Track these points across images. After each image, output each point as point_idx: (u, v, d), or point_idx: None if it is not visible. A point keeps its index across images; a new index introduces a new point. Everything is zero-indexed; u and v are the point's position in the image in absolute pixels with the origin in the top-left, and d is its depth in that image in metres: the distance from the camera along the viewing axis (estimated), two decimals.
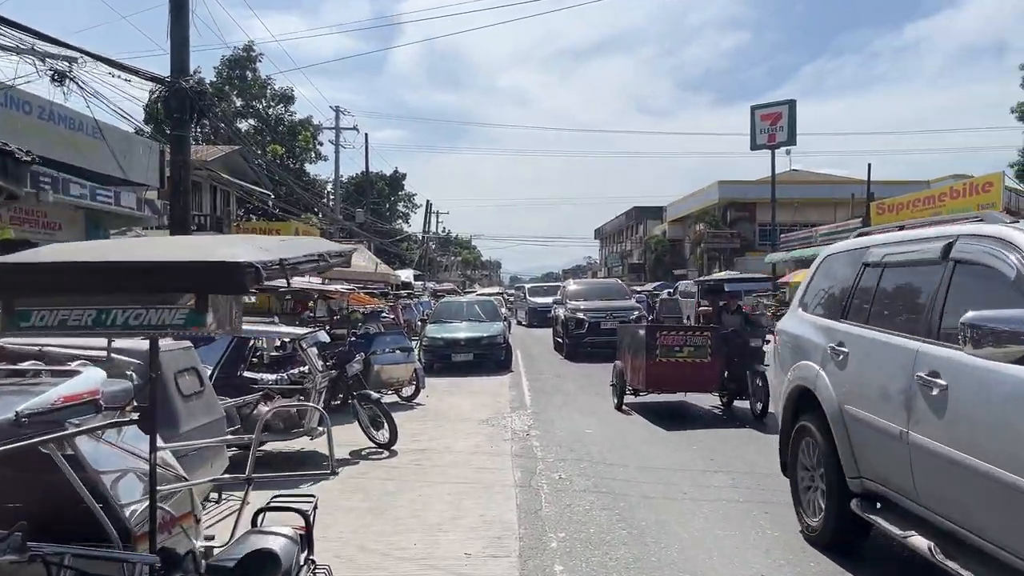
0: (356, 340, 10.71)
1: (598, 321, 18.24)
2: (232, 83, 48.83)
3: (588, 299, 19.65)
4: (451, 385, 14.32)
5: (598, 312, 18.61)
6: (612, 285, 23.01)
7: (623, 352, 11.34)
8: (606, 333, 16.97)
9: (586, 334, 18.22)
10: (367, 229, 51.11)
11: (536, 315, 32.30)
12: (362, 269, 33.46)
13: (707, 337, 10.42)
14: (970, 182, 28.78)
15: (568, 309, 19.13)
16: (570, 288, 21.66)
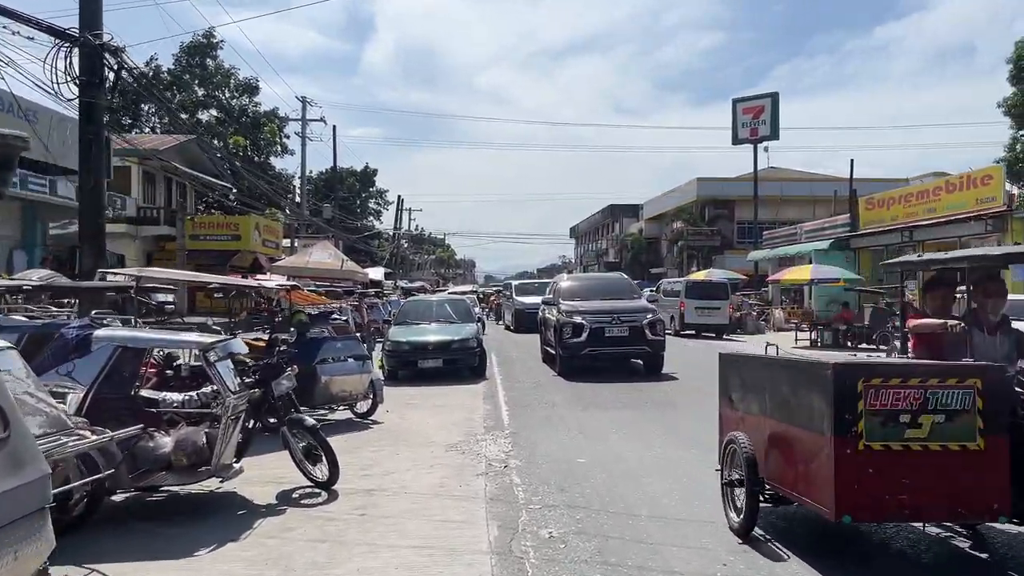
0: (288, 349, 8.86)
1: (601, 327, 14.34)
2: (191, 71, 46.51)
3: (587, 298, 15.58)
4: (416, 396, 12.46)
5: (601, 315, 14.55)
6: (617, 281, 18.08)
7: (739, 410, 5.85)
8: (612, 342, 14.32)
9: (586, 343, 14.27)
10: (335, 225, 48.99)
11: (524, 318, 27.87)
12: (327, 265, 31.50)
13: (976, 388, 4.42)
14: (967, 175, 27.39)
15: (562, 311, 14.93)
16: (563, 284, 17.19)
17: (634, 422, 9.63)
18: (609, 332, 14.35)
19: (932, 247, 29.37)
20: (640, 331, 14.33)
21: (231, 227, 31.99)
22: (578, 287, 16.86)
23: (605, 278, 19.57)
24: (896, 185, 50.23)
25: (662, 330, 14.95)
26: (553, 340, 15.46)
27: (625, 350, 14.54)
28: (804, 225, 39.96)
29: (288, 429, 6.63)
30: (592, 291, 16.17)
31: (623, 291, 16.40)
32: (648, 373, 14.74)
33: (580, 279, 19.60)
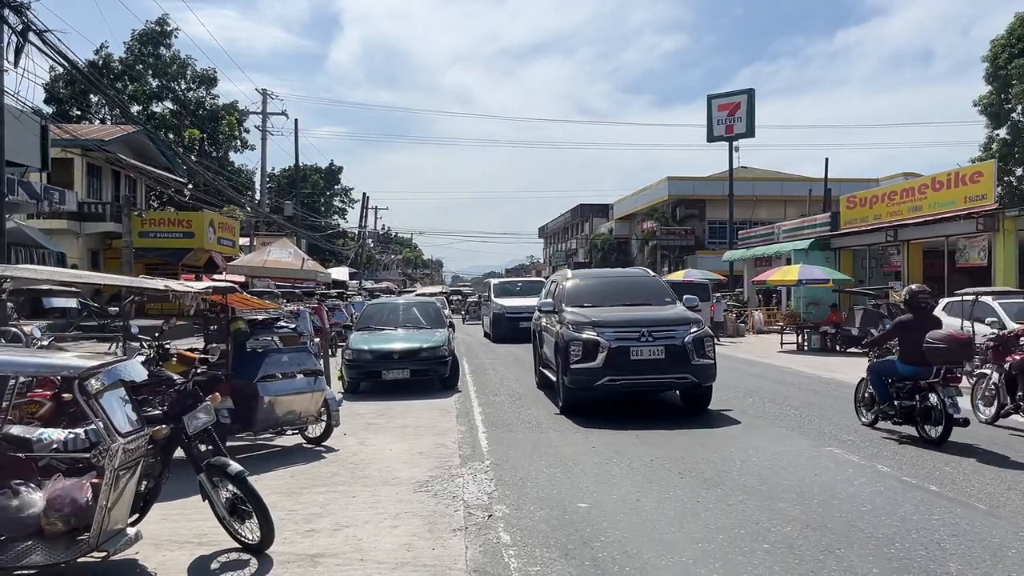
0: (214, 368, 7.29)
1: (625, 346, 10.09)
2: (144, 61, 44.28)
3: (602, 303, 11.23)
4: (379, 414, 10.88)
5: (624, 328, 10.28)
6: (642, 279, 12.75)
7: None
8: (641, 368, 10.05)
9: (603, 369, 10.00)
10: (298, 223, 47.05)
11: (506, 324, 23.87)
12: (286, 265, 29.74)
13: None
14: (956, 172, 26.41)
15: (567, 323, 10.69)
16: (568, 285, 12.13)
17: (642, 450, 8.15)
18: (637, 353, 9.95)
19: (918, 247, 28.41)
20: (681, 352, 10.00)
21: (183, 224, 30.08)
22: (589, 288, 11.96)
23: (626, 276, 13.44)
24: (867, 185, 49.72)
25: (712, 350, 10.34)
26: (554, 363, 11.19)
27: (660, 379, 10.21)
28: (782, 224, 38.96)
29: (207, 477, 5.05)
30: (609, 294, 11.65)
31: (652, 293, 11.69)
32: (688, 408, 10.88)
33: (591, 277, 13.65)
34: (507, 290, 26.79)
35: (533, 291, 24.54)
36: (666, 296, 11.66)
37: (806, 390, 13.31)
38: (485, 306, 29.39)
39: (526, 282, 30.48)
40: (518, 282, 31.21)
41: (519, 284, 29.26)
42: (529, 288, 26.12)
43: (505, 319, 23.96)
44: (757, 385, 13.88)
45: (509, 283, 30.13)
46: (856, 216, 31.65)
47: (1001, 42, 41.48)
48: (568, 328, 10.55)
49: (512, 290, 26.77)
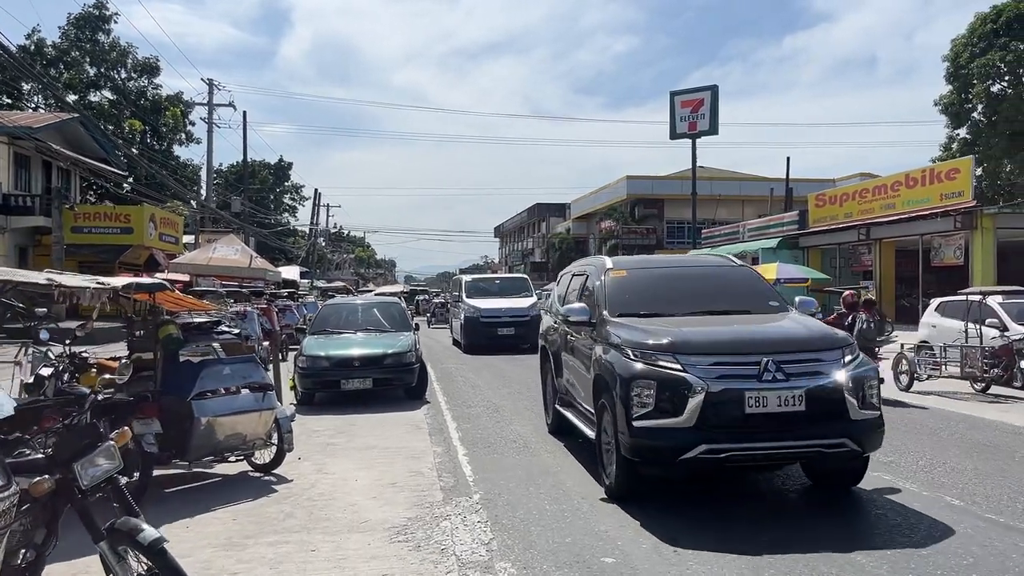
0: (122, 391, 5.82)
1: (739, 391, 5.59)
2: (81, 47, 41.79)
3: (674, 311, 6.85)
4: (338, 431, 9.43)
5: (735, 357, 5.81)
6: (728, 272, 7.99)
7: None
8: (774, 428, 5.63)
9: (700, 430, 5.54)
10: (246, 219, 44.99)
11: (482, 331, 20.79)
12: (233, 262, 27.89)
13: None
14: (931, 169, 25.81)
15: (624, 345, 6.12)
16: (612, 280, 7.37)
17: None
18: (757, 403, 5.55)
19: (890, 245, 27.78)
20: (834, 399, 5.69)
21: (121, 219, 28.05)
22: (646, 285, 7.42)
23: (700, 267, 8.71)
24: (825, 185, 49.47)
25: (878, 393, 6.03)
26: (589, 407, 6.98)
27: (798, 449, 5.81)
28: (747, 223, 38.31)
29: (110, 546, 3.61)
30: (680, 295, 7.21)
31: (748, 294, 7.36)
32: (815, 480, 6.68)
33: (646, 267, 8.37)
34: (482, 289, 23.03)
35: (515, 291, 22.86)
36: (770, 297, 7.22)
37: None
38: (454, 308, 25.03)
39: (506, 279, 26.72)
40: (495, 279, 27.04)
41: (497, 281, 25.42)
42: (509, 287, 23.55)
43: (480, 324, 20.90)
44: None
45: (484, 280, 25.77)
46: (825, 214, 31.01)
47: (962, 41, 41.37)
48: (624, 354, 5.96)
49: (488, 289, 23.16)
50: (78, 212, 28.06)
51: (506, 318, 20.79)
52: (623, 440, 5.77)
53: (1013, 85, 39.88)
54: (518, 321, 20.57)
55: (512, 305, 21.25)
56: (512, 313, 20.86)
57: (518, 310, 20.97)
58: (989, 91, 40.50)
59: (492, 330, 20.63)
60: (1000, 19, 39.48)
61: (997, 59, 39.09)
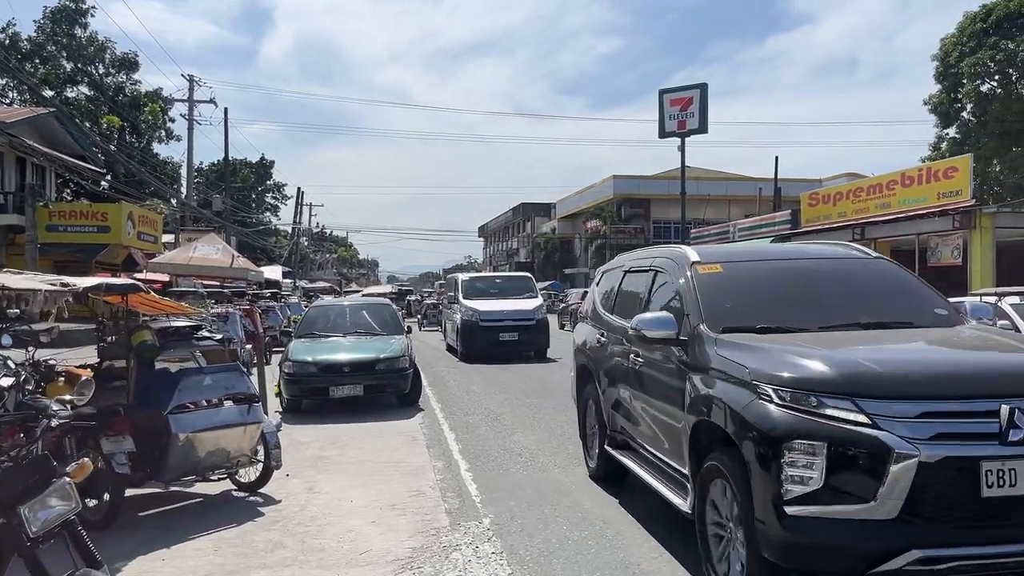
0: (62, 425, 5.16)
1: (971, 459, 3.44)
2: (57, 41, 40.76)
3: (806, 324, 4.63)
4: (328, 443, 8.77)
5: (959, 406, 3.57)
6: (872, 268, 5.52)
7: None
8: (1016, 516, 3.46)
9: (909, 523, 3.44)
10: (227, 218, 44.09)
11: (481, 337, 18.32)
12: (214, 262, 27.09)
13: None
14: (927, 167, 25.42)
15: (772, 388, 3.74)
16: (705, 276, 5.14)
17: None
18: (1000, 479, 3.43)
19: (886, 245, 27.36)
20: None
21: (98, 217, 27.14)
22: (760, 286, 5.26)
23: (828, 260, 5.81)
24: (811, 185, 49.20)
25: None
26: (680, 463, 4.86)
27: None
28: (738, 223, 37.85)
29: None
30: (808, 299, 5.10)
31: (906, 299, 5.23)
32: None
33: (749, 259, 5.99)
34: (481, 289, 20.16)
35: (517, 291, 20.13)
36: (936, 303, 5.16)
37: None
38: (447, 310, 22.59)
39: (507, 279, 23.57)
40: (496, 278, 23.64)
41: (497, 280, 22.27)
42: (511, 287, 20.72)
43: (480, 329, 18.26)
44: None
45: (483, 280, 22.52)
46: (819, 214, 30.58)
47: (952, 40, 41.17)
48: (757, 392, 3.85)
49: (488, 290, 20.27)
50: (53, 210, 27.14)
51: (509, 322, 18.34)
52: (766, 534, 3.64)
53: (1003, 84, 39.72)
54: (522, 325, 18.32)
55: (515, 307, 18.77)
56: (516, 316, 18.47)
57: (522, 313, 18.58)
58: (979, 90, 40.34)
59: (493, 336, 18.07)
60: (990, 18, 39.29)
61: (987, 58, 38.91)
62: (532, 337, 18.36)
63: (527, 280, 21.82)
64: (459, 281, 20.81)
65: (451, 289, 22.31)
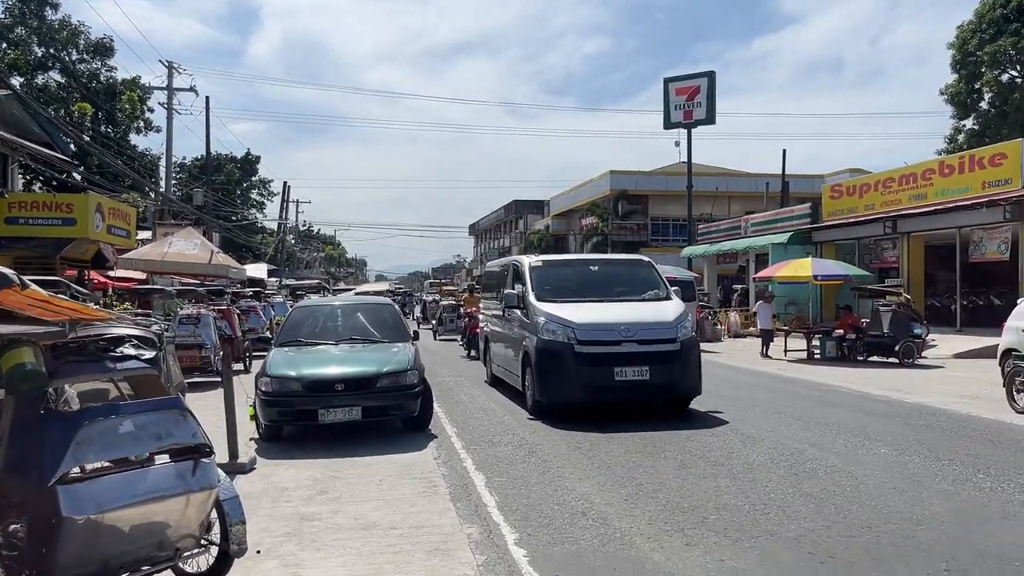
0: None
1: None
2: (26, 23, 38.21)
3: None
4: (317, 491, 6.56)
5: None
6: None
7: None
8: None
9: None
10: (209, 213, 41.66)
11: (583, 376, 9.89)
12: (191, 258, 24.81)
13: None
14: (970, 154, 23.37)
15: None
16: None
17: None
18: None
19: (920, 239, 25.33)
20: None
21: (63, 208, 24.59)
22: None
23: None
24: (813, 181, 47.34)
25: None
26: None
27: None
28: (749, 217, 35.80)
29: None
30: None
31: None
32: None
33: None
34: (566, 283, 11.47)
35: (635, 286, 11.38)
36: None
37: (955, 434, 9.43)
38: (500, 321, 12.75)
39: (613, 265, 13.27)
40: (592, 263, 13.00)
41: (594, 268, 12.36)
42: (622, 277, 11.91)
43: (577, 360, 9.92)
44: (840, 419, 10.03)
45: (570, 266, 12.79)
46: (842, 207, 28.57)
47: (970, 27, 39.28)
48: None
49: (580, 283, 11.47)
50: (12, 201, 24.68)
51: (632, 345, 9.94)
52: None
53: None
54: (657, 352, 9.93)
55: (640, 316, 10.39)
56: (644, 334, 10.08)
57: (654, 327, 10.19)
58: (999, 79, 38.45)
59: (603, 371, 9.78)
60: (1011, 4, 37.39)
61: (1008, 45, 37.02)
62: (673, 373, 10.00)
63: (645, 268, 11.99)
64: (525, 268, 11.45)
65: (502, 283, 12.81)
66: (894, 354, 17.28)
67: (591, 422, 9.42)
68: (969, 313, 23.28)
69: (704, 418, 10.06)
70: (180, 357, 14.45)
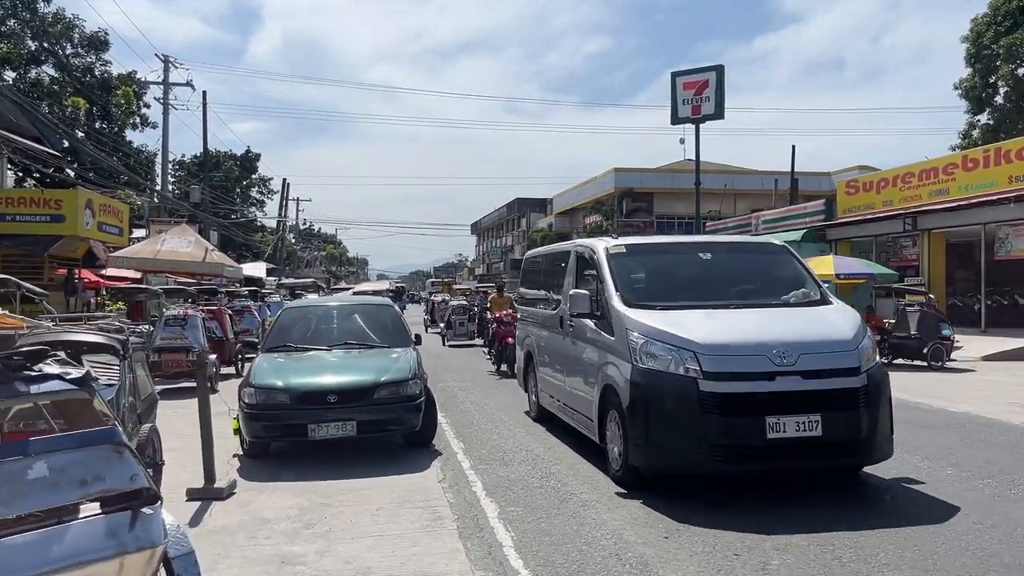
0: None
1: None
2: (18, 16, 37.29)
3: None
4: (303, 524, 5.65)
5: None
6: None
7: None
8: None
9: None
10: (207, 210, 40.75)
11: (709, 428, 5.89)
12: (185, 256, 23.95)
13: None
14: (996, 147, 22.46)
15: None
16: None
17: None
18: None
19: (941, 236, 24.41)
20: None
21: (51, 204, 23.69)
22: None
23: None
24: (819, 179, 46.41)
25: None
26: None
27: None
28: (761, 214, 34.90)
29: None
30: None
31: None
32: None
33: None
34: (664, 279, 7.59)
35: (773, 285, 7.45)
36: None
37: None
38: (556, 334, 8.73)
39: (741, 248, 8.91)
40: (702, 246, 8.31)
41: (705, 256, 7.87)
42: (748, 271, 7.94)
43: (708, 404, 5.95)
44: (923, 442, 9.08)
45: (666, 250, 8.34)
46: (858, 203, 27.65)
47: (985, 20, 38.28)
48: None
49: (689, 279, 7.55)
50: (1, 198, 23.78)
51: (793, 378, 6.05)
52: None
53: None
54: (834, 391, 6.13)
55: (800, 333, 6.49)
56: (811, 359, 6.17)
57: (825, 348, 6.32)
58: (1015, 73, 37.46)
59: (747, 422, 5.95)
60: None
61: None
62: (858, 424, 6.17)
63: (783, 256, 7.97)
64: (601, 256, 7.61)
65: (555, 278, 9.26)
66: (921, 356, 16.36)
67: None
68: (994, 313, 22.35)
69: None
70: (166, 362, 13.53)
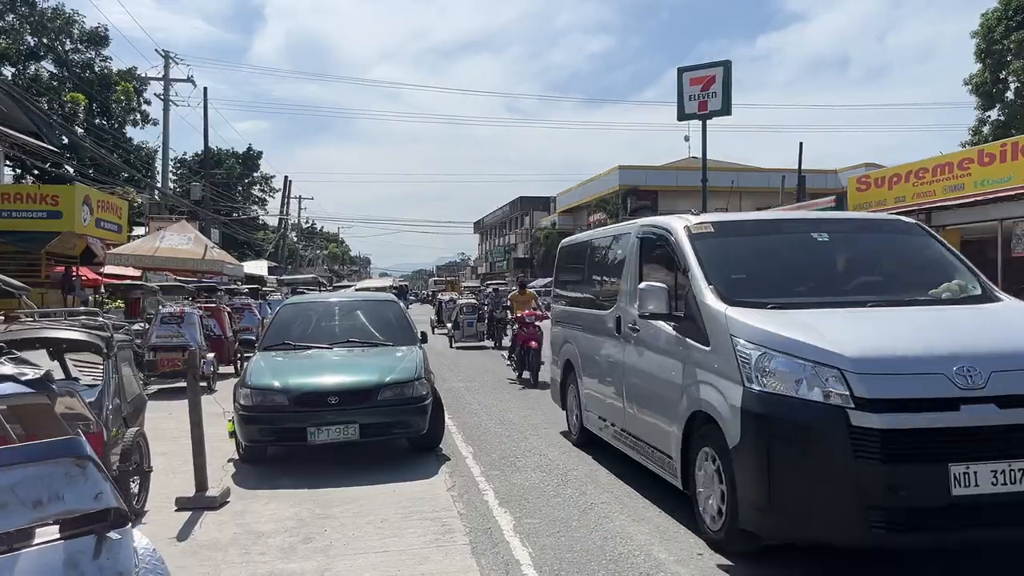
0: None
1: None
2: (17, 11, 36.90)
3: None
4: (302, 538, 5.20)
5: None
6: None
7: None
8: None
9: None
10: (208, 208, 40.34)
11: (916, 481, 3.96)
12: (184, 253, 23.49)
13: None
14: (1014, 141, 21.87)
15: None
16: None
17: None
18: None
19: (956, 233, 23.87)
20: None
21: (47, 200, 23.32)
22: None
23: None
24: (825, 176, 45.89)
25: None
26: None
27: None
28: (771, 212, 34.36)
29: None
30: None
31: None
32: None
33: None
34: (769, 269, 5.60)
35: (919, 271, 6.02)
36: None
37: None
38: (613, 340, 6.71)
39: (867, 227, 6.49)
40: (814, 223, 6.28)
41: (820, 232, 5.80)
42: (888, 258, 6.12)
43: (864, 443, 3.98)
44: None
45: (769, 229, 6.23)
46: (870, 199, 27.12)
47: (995, 15, 37.75)
48: None
49: (803, 268, 5.65)
50: None
51: (986, 406, 4.02)
52: None
53: None
54: None
55: (985, 342, 4.45)
56: (1007, 379, 4.11)
57: (1021, 363, 4.23)
58: None
59: (923, 470, 3.99)
60: None
61: None
62: None
63: (919, 238, 6.41)
64: (681, 238, 5.64)
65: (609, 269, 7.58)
66: None
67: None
68: None
69: None
70: (162, 360, 13.09)
